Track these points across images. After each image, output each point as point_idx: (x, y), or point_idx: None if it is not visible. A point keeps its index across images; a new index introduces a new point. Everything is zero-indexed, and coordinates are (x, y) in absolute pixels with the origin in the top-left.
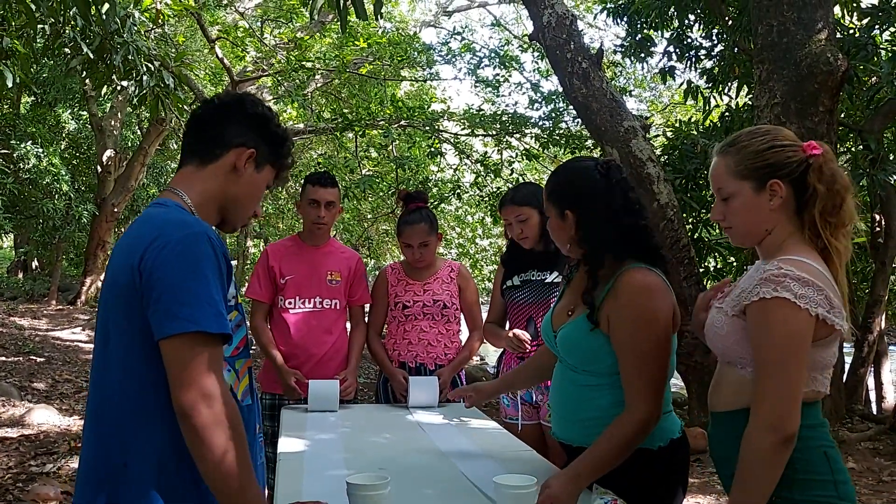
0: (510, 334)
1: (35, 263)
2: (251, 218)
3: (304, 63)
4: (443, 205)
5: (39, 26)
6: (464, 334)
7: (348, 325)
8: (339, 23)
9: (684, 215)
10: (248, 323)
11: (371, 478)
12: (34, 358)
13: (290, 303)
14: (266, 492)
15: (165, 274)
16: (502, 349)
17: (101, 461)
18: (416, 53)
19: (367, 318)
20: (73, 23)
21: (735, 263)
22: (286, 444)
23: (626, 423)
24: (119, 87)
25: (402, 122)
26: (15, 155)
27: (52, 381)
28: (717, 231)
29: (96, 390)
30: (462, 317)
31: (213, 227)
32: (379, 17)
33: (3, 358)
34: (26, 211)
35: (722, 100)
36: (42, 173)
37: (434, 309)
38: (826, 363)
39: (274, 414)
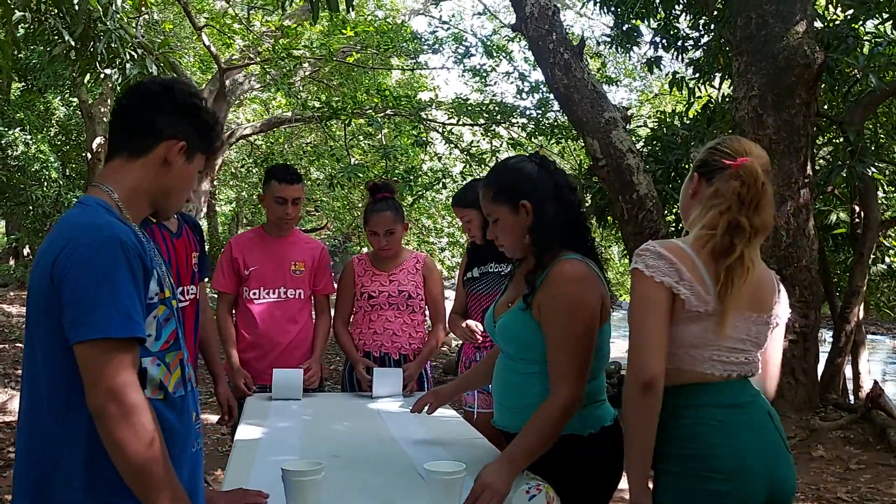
0: (463, 325)
1: (27, 251)
2: (184, 204)
3: (291, 51)
4: (433, 194)
5: (20, 13)
6: (429, 325)
7: (314, 314)
8: (327, 12)
9: (666, 206)
10: (175, 315)
11: (306, 464)
12: (19, 345)
13: (254, 293)
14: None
15: (73, 282)
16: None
17: (34, 460)
18: (404, 43)
19: (333, 308)
20: (53, 11)
21: None
22: (244, 432)
23: (551, 407)
24: (103, 75)
25: (389, 112)
26: (3, 142)
27: None
28: None
29: (26, 392)
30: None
31: (146, 219)
32: (350, 9)
33: None
34: (16, 198)
35: (707, 91)
36: (31, 160)
37: (399, 299)
38: (697, 342)
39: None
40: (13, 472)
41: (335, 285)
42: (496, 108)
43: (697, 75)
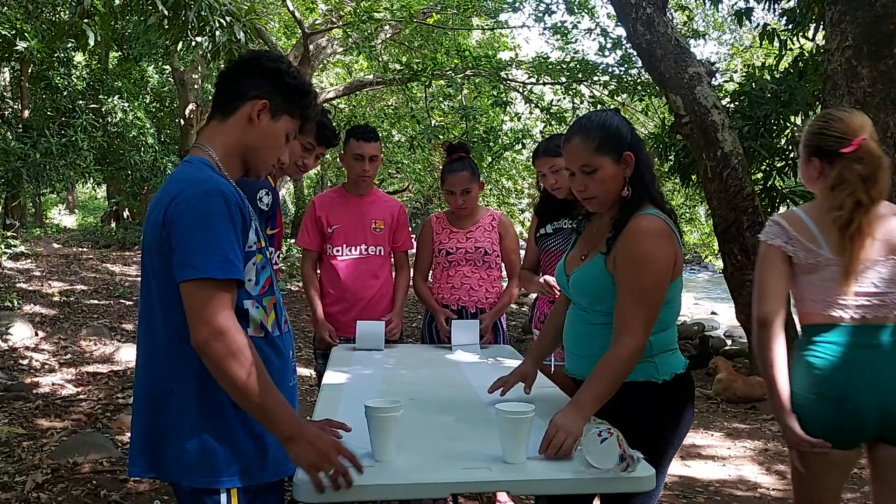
0: (541, 280)
1: (126, 213)
2: (276, 166)
3: (372, 14)
4: (513, 155)
5: None
6: (505, 281)
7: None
8: None
9: (753, 163)
10: (274, 266)
11: (387, 402)
12: (123, 301)
13: (337, 250)
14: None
15: (179, 228)
16: (536, 294)
17: (151, 391)
18: (484, 2)
19: (413, 264)
20: None
21: None
22: (330, 378)
23: (614, 355)
24: (194, 43)
25: (469, 72)
26: (103, 109)
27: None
28: (793, 179)
29: (145, 330)
30: (502, 264)
31: (241, 176)
32: None
33: (96, 301)
34: (116, 163)
35: (801, 42)
36: (129, 126)
37: (476, 255)
38: (820, 290)
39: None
40: (133, 402)
41: (413, 242)
42: (577, 66)
43: (790, 26)
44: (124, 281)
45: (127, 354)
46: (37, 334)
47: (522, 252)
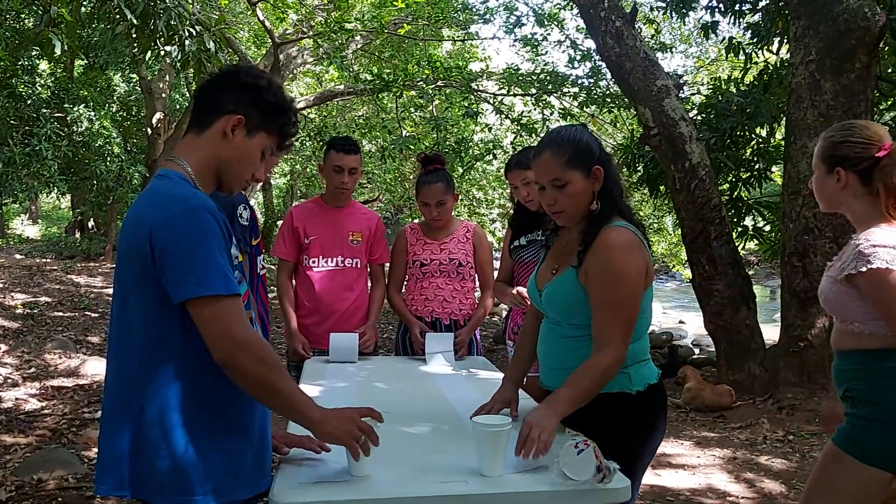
0: (514, 291)
1: (91, 223)
2: (249, 182)
3: (343, 24)
4: (483, 165)
5: None
6: (479, 292)
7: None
8: None
9: (720, 175)
10: (246, 278)
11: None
12: (88, 313)
13: (314, 261)
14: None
15: (173, 247)
16: (510, 306)
17: (122, 406)
18: (454, 13)
19: (388, 275)
20: None
21: (774, 222)
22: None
23: (593, 364)
24: (163, 52)
25: (440, 83)
26: (69, 118)
27: (105, 335)
28: (758, 190)
29: (117, 343)
30: (476, 275)
31: (214, 191)
32: None
33: (61, 313)
34: (81, 172)
35: (766, 56)
36: (94, 136)
37: (450, 267)
38: None
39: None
40: (101, 417)
41: (389, 255)
42: (547, 78)
43: (755, 40)
44: (89, 293)
45: (93, 368)
46: None
47: (496, 263)
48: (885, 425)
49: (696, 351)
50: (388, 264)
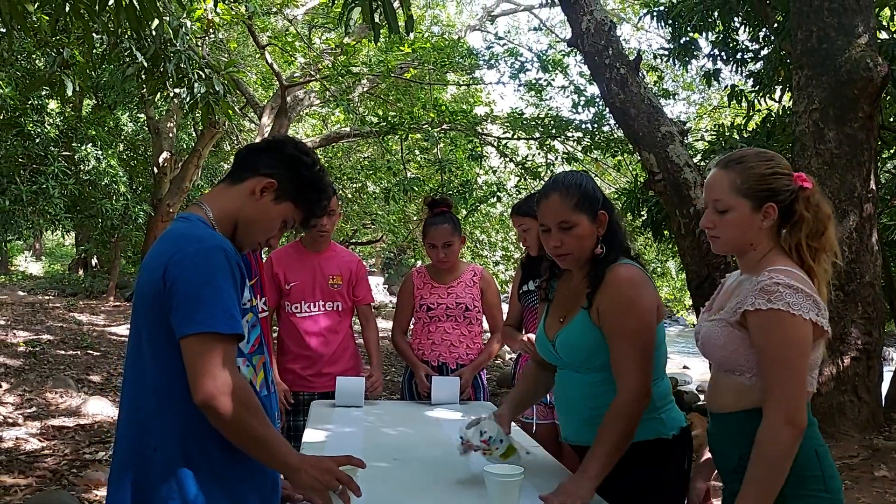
0: (524, 338)
1: (95, 261)
2: (262, 245)
3: (350, 68)
4: (487, 208)
5: (97, 36)
6: (487, 335)
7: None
8: (385, 30)
9: None
10: (261, 313)
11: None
12: (91, 352)
13: (296, 307)
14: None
15: (182, 284)
16: (518, 352)
17: (136, 447)
18: (460, 58)
19: (393, 318)
20: (128, 34)
21: None
22: (311, 435)
23: (620, 404)
24: (172, 94)
25: (445, 126)
26: (76, 157)
27: (107, 374)
28: None
29: (132, 385)
30: (484, 319)
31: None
32: (409, 31)
33: (62, 352)
34: (86, 210)
35: (767, 104)
36: (101, 174)
37: (457, 311)
38: (815, 363)
39: (287, 409)
40: (113, 456)
41: (373, 295)
42: (551, 122)
43: (757, 88)
44: (92, 331)
45: (94, 407)
46: (0, 386)
47: (504, 306)
48: (803, 498)
49: (701, 397)
50: (373, 304)
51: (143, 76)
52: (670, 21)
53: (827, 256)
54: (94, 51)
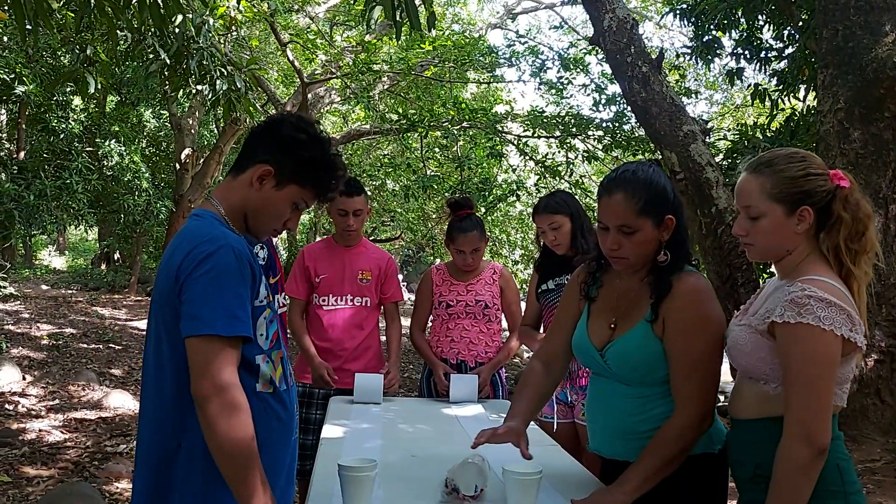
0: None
1: (117, 256)
2: (279, 231)
3: (371, 66)
4: (506, 207)
5: (121, 33)
6: (506, 333)
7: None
8: (406, 27)
9: None
10: (281, 308)
11: (361, 461)
12: (113, 346)
13: (323, 300)
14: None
15: (191, 285)
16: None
17: (158, 443)
18: (480, 56)
19: (412, 315)
20: (151, 31)
21: None
22: (329, 431)
23: (677, 428)
24: (194, 91)
25: (465, 124)
26: (99, 153)
27: (128, 368)
28: None
29: (153, 381)
30: (503, 317)
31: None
32: (431, 29)
33: (85, 345)
34: (109, 206)
35: (791, 102)
36: (124, 170)
37: (476, 308)
38: (845, 378)
39: (303, 401)
40: (137, 452)
41: (402, 293)
42: (572, 121)
43: (781, 87)
44: (114, 325)
45: (116, 401)
46: (24, 378)
47: (523, 304)
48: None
49: (721, 398)
50: (401, 302)
51: (166, 73)
52: (693, 19)
53: (868, 258)
54: (118, 48)
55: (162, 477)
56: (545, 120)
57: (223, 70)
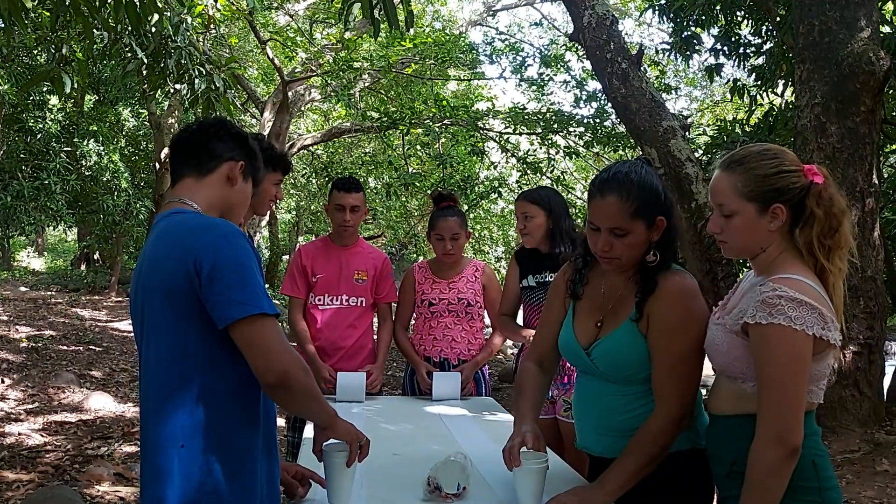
0: (525, 335)
1: (97, 256)
2: (245, 220)
3: (351, 63)
4: (488, 204)
5: (97, 32)
6: (488, 331)
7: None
8: (385, 25)
9: None
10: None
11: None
12: (93, 348)
13: (319, 299)
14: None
15: (223, 271)
16: (521, 344)
17: (161, 442)
18: (461, 53)
19: (395, 314)
20: (128, 30)
21: None
22: (312, 431)
23: (657, 425)
24: (173, 90)
25: (446, 121)
26: (78, 153)
27: (109, 369)
28: None
29: (155, 378)
30: (486, 314)
31: None
32: (410, 27)
33: (64, 347)
34: (88, 206)
35: (770, 98)
36: (103, 170)
37: (459, 306)
38: (821, 375)
39: None
40: (141, 456)
41: (396, 294)
42: (553, 117)
43: (759, 82)
44: (94, 326)
45: (96, 403)
46: (3, 381)
47: None
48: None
49: (703, 392)
50: (395, 303)
51: (144, 72)
52: (672, 15)
53: (842, 254)
54: (95, 47)
55: (170, 477)
56: (526, 117)
57: (202, 69)
